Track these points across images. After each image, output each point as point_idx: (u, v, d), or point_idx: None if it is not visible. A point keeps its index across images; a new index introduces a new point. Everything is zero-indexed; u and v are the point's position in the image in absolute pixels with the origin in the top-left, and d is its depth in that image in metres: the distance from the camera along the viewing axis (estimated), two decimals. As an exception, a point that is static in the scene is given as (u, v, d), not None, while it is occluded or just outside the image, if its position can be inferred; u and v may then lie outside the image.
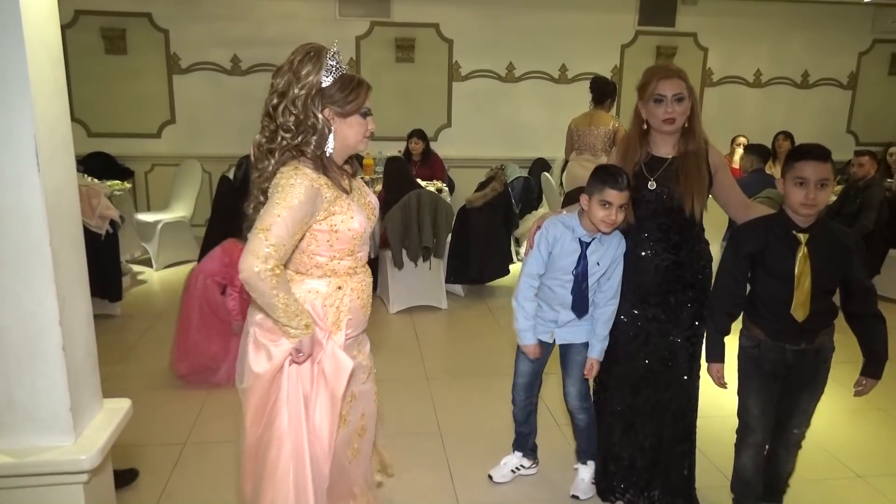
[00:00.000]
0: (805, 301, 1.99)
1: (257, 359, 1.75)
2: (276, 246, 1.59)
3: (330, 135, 1.72)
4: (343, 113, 1.72)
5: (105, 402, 1.77)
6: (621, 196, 2.15)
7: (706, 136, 2.28)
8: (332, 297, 1.79)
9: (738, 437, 2.25)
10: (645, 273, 2.28)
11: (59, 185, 1.53)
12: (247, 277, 1.58)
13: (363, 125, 1.76)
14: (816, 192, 1.94)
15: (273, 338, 1.74)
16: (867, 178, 4.80)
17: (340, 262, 1.78)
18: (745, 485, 2.26)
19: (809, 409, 2.17)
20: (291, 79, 1.70)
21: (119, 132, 6.54)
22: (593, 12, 6.86)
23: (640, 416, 2.36)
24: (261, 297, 1.62)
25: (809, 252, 1.98)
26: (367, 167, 5.73)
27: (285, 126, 1.69)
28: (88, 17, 6.27)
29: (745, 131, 6.55)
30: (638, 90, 2.27)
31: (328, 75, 1.70)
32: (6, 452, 1.53)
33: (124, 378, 3.51)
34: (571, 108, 6.86)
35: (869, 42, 7.40)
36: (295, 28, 6.54)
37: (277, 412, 1.76)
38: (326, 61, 1.69)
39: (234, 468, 2.69)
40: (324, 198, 1.69)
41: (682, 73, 2.21)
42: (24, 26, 1.39)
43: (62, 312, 1.51)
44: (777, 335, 2.07)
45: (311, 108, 1.68)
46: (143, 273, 5.55)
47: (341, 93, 1.70)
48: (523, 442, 2.65)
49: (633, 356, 2.34)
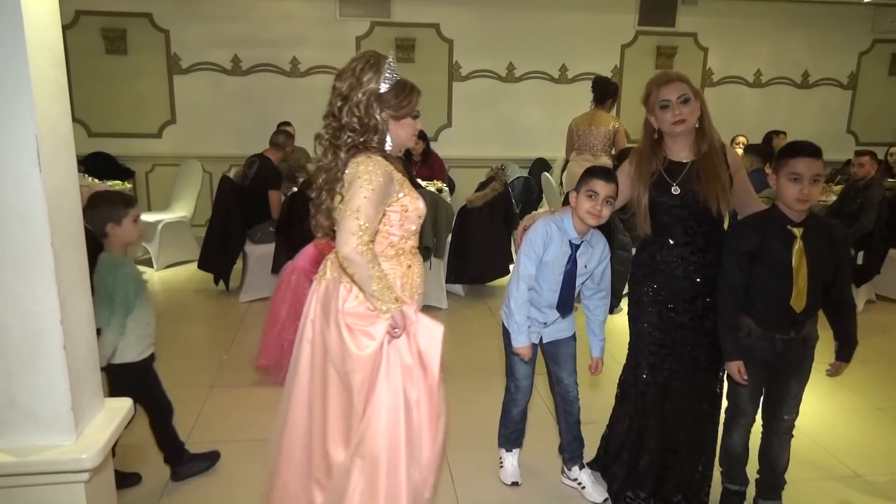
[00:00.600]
0: (803, 292, 2.09)
1: (359, 342, 1.88)
2: (366, 223, 1.79)
3: (387, 134, 1.93)
4: (397, 116, 1.93)
5: (106, 402, 1.77)
6: (607, 187, 2.20)
7: (720, 138, 2.28)
8: (406, 275, 1.99)
9: (727, 417, 2.38)
10: (673, 280, 2.25)
11: (61, 185, 1.53)
12: (347, 254, 1.77)
13: (413, 126, 1.98)
14: (810, 187, 2.04)
15: (366, 322, 1.88)
16: (867, 177, 4.80)
17: (407, 242, 2.00)
18: (735, 460, 2.40)
19: (798, 394, 2.28)
20: (354, 83, 1.89)
21: (120, 132, 6.55)
22: (593, 12, 6.87)
23: (664, 423, 2.34)
24: (359, 270, 1.80)
25: (805, 245, 2.08)
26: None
27: (350, 126, 1.89)
28: (89, 17, 6.28)
29: (745, 131, 6.56)
30: (644, 103, 2.27)
31: (386, 83, 1.90)
32: (7, 451, 1.53)
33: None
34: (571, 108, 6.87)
35: (869, 42, 7.41)
36: (295, 28, 6.55)
37: (378, 385, 1.89)
38: (384, 70, 1.90)
39: (234, 468, 2.70)
40: (395, 181, 1.91)
41: (681, 76, 2.21)
42: (26, 27, 1.39)
43: (63, 312, 1.51)
44: (768, 325, 2.17)
45: (372, 111, 1.89)
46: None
47: (396, 98, 1.91)
48: (519, 439, 2.67)
49: (657, 367, 2.32)
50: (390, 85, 1.90)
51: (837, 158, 6.98)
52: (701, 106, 2.20)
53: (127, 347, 2.36)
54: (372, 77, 1.89)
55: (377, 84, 1.88)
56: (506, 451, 2.66)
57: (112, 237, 2.34)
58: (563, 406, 2.55)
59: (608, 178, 2.23)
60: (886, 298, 5.17)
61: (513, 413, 2.60)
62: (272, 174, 4.88)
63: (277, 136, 5.09)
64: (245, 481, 2.61)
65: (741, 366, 2.19)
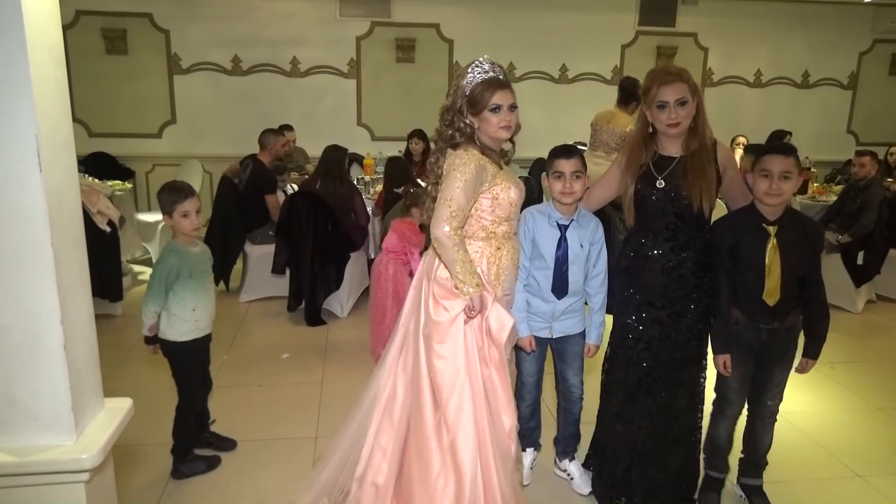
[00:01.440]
0: (775, 288, 2.18)
1: (437, 311, 2.11)
2: (457, 211, 2.03)
3: (475, 129, 2.15)
4: (475, 111, 2.14)
5: (106, 402, 1.77)
6: (570, 163, 2.29)
7: (713, 135, 2.29)
8: (494, 256, 2.20)
9: (715, 409, 2.44)
10: (652, 273, 2.28)
11: (61, 186, 1.53)
12: (438, 236, 2.02)
13: (495, 119, 2.13)
14: (780, 183, 2.13)
15: (449, 296, 2.10)
16: (868, 178, 4.80)
17: (499, 227, 2.19)
18: (720, 450, 2.47)
19: (781, 382, 2.36)
20: (456, 86, 2.18)
21: (120, 132, 6.55)
22: (593, 12, 6.87)
23: (639, 420, 2.36)
24: (446, 253, 2.04)
25: (779, 243, 2.17)
26: (367, 167, 5.73)
27: (445, 124, 2.19)
28: (89, 17, 6.28)
29: (746, 131, 6.56)
30: (642, 94, 2.29)
31: (469, 84, 2.14)
32: (7, 451, 1.53)
33: (125, 377, 3.52)
34: (572, 108, 6.86)
35: (869, 42, 7.40)
36: (295, 28, 6.55)
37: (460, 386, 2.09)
38: (468, 72, 2.15)
39: (235, 468, 2.70)
40: (488, 172, 2.12)
41: (683, 74, 2.21)
42: (26, 27, 1.39)
43: (63, 312, 1.51)
44: (752, 316, 2.26)
45: (458, 111, 2.16)
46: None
47: (474, 95, 2.13)
48: (532, 437, 2.67)
49: (633, 361, 2.34)
50: (473, 85, 2.13)
51: (838, 158, 6.98)
52: (698, 104, 2.21)
53: (169, 326, 2.55)
54: (461, 81, 2.15)
55: (463, 86, 2.14)
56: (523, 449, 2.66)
57: (169, 225, 2.56)
58: (564, 404, 2.56)
59: (569, 154, 2.31)
60: (886, 298, 5.17)
61: (520, 409, 2.59)
62: (265, 178, 4.79)
63: (262, 136, 4.94)
64: (245, 481, 2.61)
65: (727, 360, 2.28)
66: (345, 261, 4.54)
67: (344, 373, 3.66)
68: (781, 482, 2.62)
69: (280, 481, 2.61)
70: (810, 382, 2.31)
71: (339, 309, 4.62)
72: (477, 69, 2.14)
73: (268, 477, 2.65)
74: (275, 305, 4.73)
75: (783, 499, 2.44)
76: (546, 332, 2.43)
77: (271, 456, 2.80)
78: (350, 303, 4.68)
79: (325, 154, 4.58)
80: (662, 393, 2.33)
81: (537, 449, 2.70)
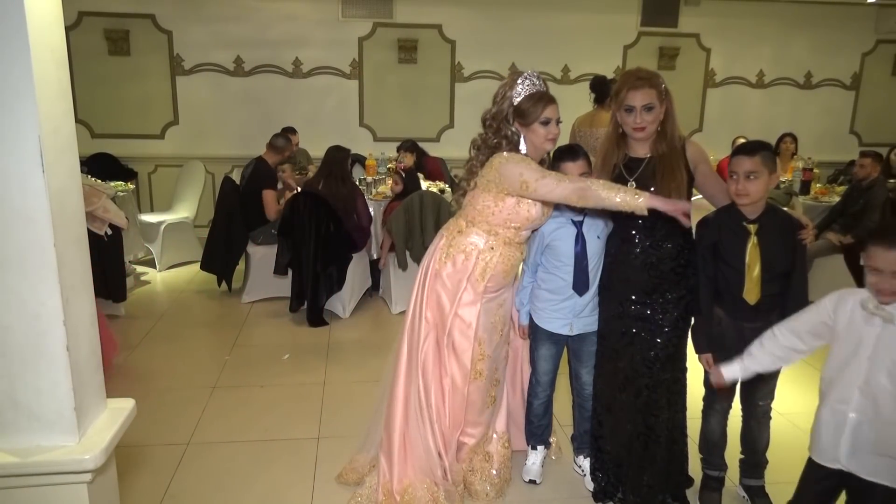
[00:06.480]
0: (755, 287, 2.19)
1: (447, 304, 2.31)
2: (538, 176, 2.14)
3: (521, 139, 2.27)
4: (525, 123, 2.25)
5: (109, 402, 1.77)
6: (576, 166, 2.33)
7: (682, 134, 2.34)
8: (485, 253, 2.28)
9: (705, 403, 2.47)
10: (631, 269, 2.32)
11: (64, 186, 1.53)
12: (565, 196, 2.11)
13: (544, 131, 2.25)
14: (746, 184, 2.14)
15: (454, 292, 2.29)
16: (870, 178, 4.79)
17: (506, 231, 2.28)
18: (714, 445, 2.48)
19: (770, 382, 2.34)
20: (502, 95, 2.27)
21: (122, 133, 6.56)
22: (596, 13, 6.86)
23: (626, 413, 2.39)
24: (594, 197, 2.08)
25: (759, 241, 2.17)
26: (369, 168, 5.73)
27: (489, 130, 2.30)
28: (92, 18, 6.29)
29: (748, 132, 6.53)
30: (613, 95, 2.34)
31: (518, 95, 2.24)
32: (10, 452, 1.53)
33: (127, 378, 3.52)
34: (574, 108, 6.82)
35: (872, 42, 7.39)
36: (298, 29, 6.56)
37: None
38: (517, 84, 2.25)
39: (235, 468, 2.70)
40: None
41: (654, 79, 2.24)
42: (29, 28, 1.39)
43: (66, 313, 1.52)
44: (735, 315, 2.26)
45: (504, 120, 2.26)
46: (146, 274, 5.57)
47: (525, 107, 2.23)
48: (544, 435, 2.69)
49: (619, 353, 2.38)
50: (522, 97, 2.23)
51: (840, 159, 6.96)
52: (667, 109, 2.26)
53: None
54: (509, 91, 2.25)
55: (511, 95, 2.24)
56: (531, 448, 2.69)
57: None
58: (579, 401, 2.62)
59: (574, 155, 2.35)
60: (889, 299, 5.14)
61: (534, 405, 2.64)
62: (266, 174, 4.85)
63: (277, 139, 5.04)
64: (246, 482, 2.62)
65: (710, 358, 2.27)
66: (347, 261, 4.54)
67: (346, 373, 3.66)
68: (783, 483, 2.61)
69: (282, 482, 2.61)
70: (811, 382, 2.30)
71: (342, 310, 4.62)
72: (527, 81, 2.24)
73: (269, 478, 2.65)
74: (277, 306, 4.73)
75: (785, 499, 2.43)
76: (567, 328, 2.46)
77: (273, 456, 2.80)
78: (352, 303, 4.68)
79: (328, 155, 4.59)
80: (644, 392, 2.35)
81: (548, 447, 2.73)
